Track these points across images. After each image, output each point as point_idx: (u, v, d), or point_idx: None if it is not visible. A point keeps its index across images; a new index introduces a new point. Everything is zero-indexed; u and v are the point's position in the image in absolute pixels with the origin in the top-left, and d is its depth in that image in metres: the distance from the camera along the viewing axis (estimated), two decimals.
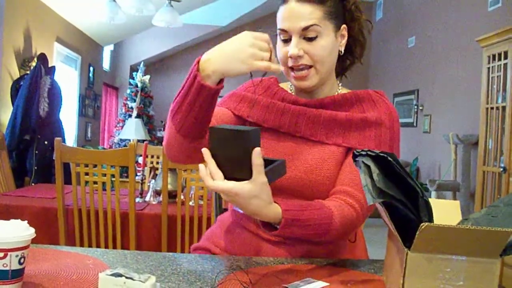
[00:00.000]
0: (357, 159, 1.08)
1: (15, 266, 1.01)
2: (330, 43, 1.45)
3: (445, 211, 1.20)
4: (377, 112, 1.50)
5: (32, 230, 1.06)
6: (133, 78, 9.41)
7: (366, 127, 1.48)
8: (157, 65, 11.57)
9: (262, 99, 1.56)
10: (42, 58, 5.84)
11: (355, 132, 1.48)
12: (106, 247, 2.96)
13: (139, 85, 9.18)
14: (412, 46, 8.78)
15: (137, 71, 9.41)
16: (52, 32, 7.32)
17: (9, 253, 1.00)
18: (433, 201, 1.09)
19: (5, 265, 1.00)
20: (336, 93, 1.58)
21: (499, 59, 4.98)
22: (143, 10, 5.62)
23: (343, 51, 1.52)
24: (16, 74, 5.92)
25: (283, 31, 1.44)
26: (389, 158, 1.00)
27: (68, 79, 8.14)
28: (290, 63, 1.45)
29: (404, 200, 0.98)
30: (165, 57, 11.66)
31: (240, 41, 1.24)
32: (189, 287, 1.12)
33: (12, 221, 1.06)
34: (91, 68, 9.36)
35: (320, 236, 1.29)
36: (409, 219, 1.00)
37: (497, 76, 5.03)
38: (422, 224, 0.92)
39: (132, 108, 9.11)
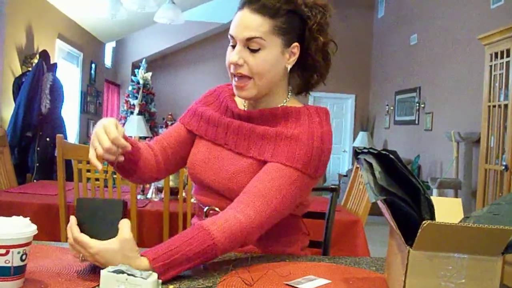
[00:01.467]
0: (359, 156, 1.08)
1: (17, 262, 1.02)
2: (273, 57, 1.45)
3: (447, 209, 1.20)
4: (296, 129, 1.45)
5: (34, 227, 1.06)
6: (135, 75, 9.41)
7: (281, 140, 1.44)
8: (159, 62, 11.56)
9: (208, 112, 1.62)
10: (44, 55, 5.84)
11: (270, 145, 1.45)
12: None
13: (141, 82, 9.18)
14: (414, 43, 8.77)
15: (139, 68, 9.41)
16: (54, 29, 7.32)
17: (11, 250, 1.00)
18: (435, 199, 1.09)
19: (7, 261, 1.00)
20: (280, 105, 1.54)
21: (502, 57, 4.97)
22: (145, 7, 5.62)
23: (289, 68, 1.50)
24: (18, 71, 5.92)
25: (232, 37, 1.45)
26: (391, 156, 1.00)
27: (70, 76, 8.14)
28: (231, 70, 1.47)
29: (406, 197, 0.98)
30: (167, 54, 11.66)
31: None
32: (190, 283, 1.12)
33: (14, 217, 1.06)
34: (93, 65, 9.36)
35: (210, 258, 1.24)
36: (411, 217, 1.00)
37: (499, 74, 5.02)
38: (424, 222, 0.92)
39: (134, 105, 9.11)
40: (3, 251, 1.00)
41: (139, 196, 3.37)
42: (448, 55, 7.41)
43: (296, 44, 1.48)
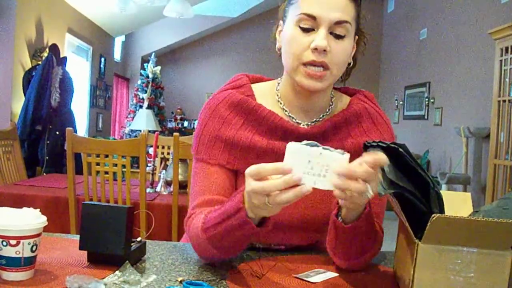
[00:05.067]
0: (368, 150, 1.07)
1: (27, 253, 1.02)
2: (350, 48, 1.29)
3: (456, 203, 1.20)
4: (379, 134, 1.37)
5: (44, 218, 1.07)
6: (144, 69, 9.43)
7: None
8: (168, 56, 11.57)
9: (242, 137, 1.31)
10: (54, 48, 5.85)
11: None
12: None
13: (150, 76, 9.20)
14: (424, 38, 8.72)
15: (148, 62, 9.42)
16: (64, 22, 7.34)
17: (21, 241, 1.01)
18: (444, 193, 1.08)
19: (17, 252, 1.01)
20: (330, 103, 1.38)
21: None
22: (155, 1, 5.62)
23: (351, 63, 1.35)
24: (28, 65, 5.94)
25: (310, 17, 1.21)
26: (400, 149, 0.99)
27: (79, 70, 8.16)
28: (308, 57, 1.22)
29: (415, 191, 0.98)
30: (176, 48, 11.65)
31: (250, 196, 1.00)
32: (200, 275, 1.12)
33: (25, 209, 1.07)
34: (102, 59, 9.38)
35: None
36: (420, 211, 1.00)
37: (510, 69, 4.99)
38: (433, 216, 0.91)
39: (143, 99, 9.13)
40: (13, 241, 1.01)
41: (148, 190, 3.39)
42: (457, 50, 7.37)
43: (356, 37, 1.34)
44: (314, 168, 0.94)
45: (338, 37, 1.23)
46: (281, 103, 1.37)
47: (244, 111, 1.33)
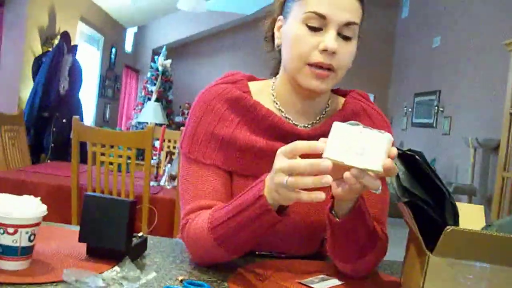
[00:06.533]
0: None
1: (25, 243, 0.99)
2: (355, 50, 1.21)
3: (468, 215, 1.16)
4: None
5: (43, 208, 1.04)
6: (154, 62, 9.41)
7: None
8: (179, 50, 11.54)
9: (239, 135, 1.23)
10: (65, 36, 5.85)
11: None
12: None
13: (160, 69, 9.16)
14: (437, 46, 8.67)
15: (159, 55, 9.40)
16: (77, 11, 7.33)
17: (19, 229, 0.98)
18: (457, 204, 1.05)
19: (15, 241, 0.98)
20: (327, 105, 1.32)
21: None
22: None
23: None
24: (39, 51, 5.94)
25: (320, 16, 1.14)
26: (417, 157, 0.96)
27: (89, 59, 8.16)
28: (315, 58, 1.15)
29: (429, 201, 0.94)
30: (188, 43, 11.64)
31: (274, 174, 0.96)
32: (201, 276, 1.09)
33: (25, 196, 1.04)
34: (113, 49, 9.37)
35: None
36: (433, 221, 0.96)
37: None
38: (447, 228, 0.88)
39: (151, 91, 9.10)
40: (11, 230, 0.98)
41: (152, 183, 3.36)
42: (470, 59, 7.31)
43: (359, 39, 1.24)
44: (352, 147, 0.91)
45: (346, 38, 1.17)
46: (277, 104, 1.29)
47: (241, 108, 1.24)
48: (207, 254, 1.14)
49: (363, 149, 0.91)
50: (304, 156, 0.94)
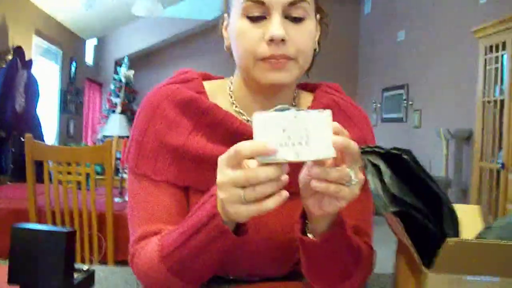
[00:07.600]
0: (362, 157, 0.87)
1: None
2: (313, 30, 1.04)
3: (464, 217, 1.01)
4: (358, 131, 1.14)
5: None
6: (117, 73, 9.20)
7: None
8: (142, 60, 11.34)
9: (193, 144, 1.04)
10: (19, 51, 5.63)
11: None
12: (82, 250, 2.76)
13: (123, 80, 8.97)
14: (402, 40, 8.66)
15: (121, 66, 9.20)
16: (31, 24, 7.07)
17: None
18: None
19: None
20: (293, 103, 1.15)
21: (497, 50, 4.84)
22: None
23: (317, 49, 1.10)
24: None
25: (258, 2, 0.97)
26: (404, 156, 0.81)
27: (48, 74, 7.91)
28: (264, 52, 0.98)
29: (423, 208, 0.79)
30: (151, 52, 11.44)
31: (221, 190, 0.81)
32: None
33: None
34: (74, 63, 9.12)
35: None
36: (426, 230, 0.81)
37: (495, 68, 4.89)
38: (447, 240, 0.73)
39: (116, 104, 8.89)
40: None
41: (116, 199, 3.17)
42: (436, 51, 7.30)
43: (318, 16, 1.08)
44: (291, 138, 0.74)
45: (296, 20, 0.99)
46: (236, 106, 1.12)
47: (195, 111, 1.06)
48: (163, 287, 0.97)
49: (306, 136, 0.74)
50: None
